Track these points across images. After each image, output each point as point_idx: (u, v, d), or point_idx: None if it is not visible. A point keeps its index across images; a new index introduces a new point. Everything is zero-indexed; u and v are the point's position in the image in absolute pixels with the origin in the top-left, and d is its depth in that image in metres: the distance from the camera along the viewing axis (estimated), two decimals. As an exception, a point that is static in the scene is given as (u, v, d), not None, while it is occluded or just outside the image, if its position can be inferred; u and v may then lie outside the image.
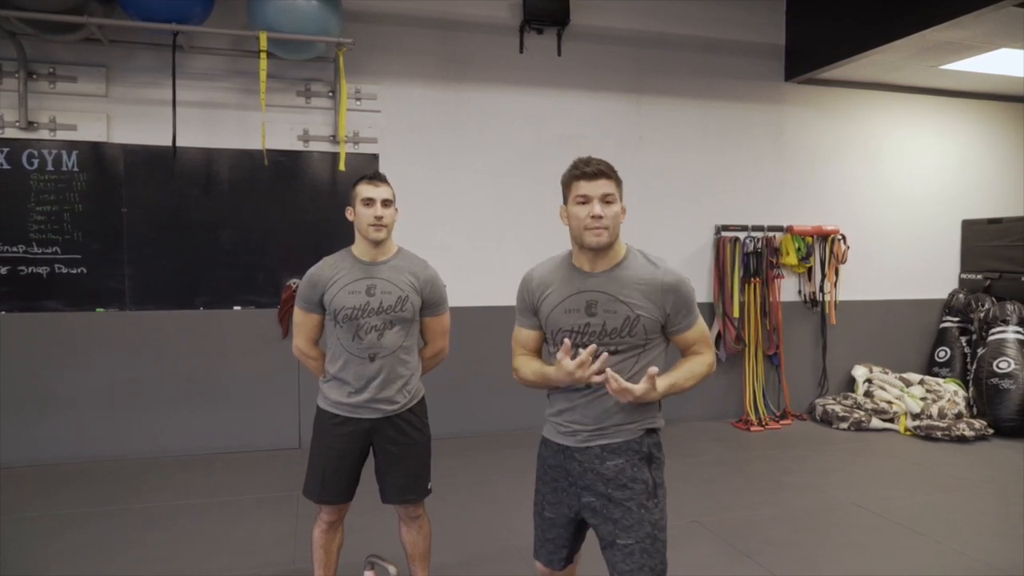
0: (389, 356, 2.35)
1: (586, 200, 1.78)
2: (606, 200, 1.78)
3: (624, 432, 1.84)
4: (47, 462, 4.30)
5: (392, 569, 2.40)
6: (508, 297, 2.10)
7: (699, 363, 1.88)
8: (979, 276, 6.14)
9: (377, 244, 2.37)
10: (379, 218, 2.33)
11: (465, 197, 5.07)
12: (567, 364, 1.73)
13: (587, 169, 1.78)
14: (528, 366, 1.94)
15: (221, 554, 3.13)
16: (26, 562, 3.02)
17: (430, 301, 2.45)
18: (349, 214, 2.41)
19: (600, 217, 1.76)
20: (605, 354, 1.74)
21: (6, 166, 4.27)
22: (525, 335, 1.97)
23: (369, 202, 2.33)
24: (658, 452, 1.89)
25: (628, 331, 1.80)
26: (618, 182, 1.83)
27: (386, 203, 2.35)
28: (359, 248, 2.41)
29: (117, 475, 4.15)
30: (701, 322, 1.92)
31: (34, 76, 4.27)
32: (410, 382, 2.43)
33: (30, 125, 4.26)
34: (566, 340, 1.77)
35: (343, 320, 2.34)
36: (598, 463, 1.84)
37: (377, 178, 2.39)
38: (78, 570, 2.96)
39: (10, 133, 4.25)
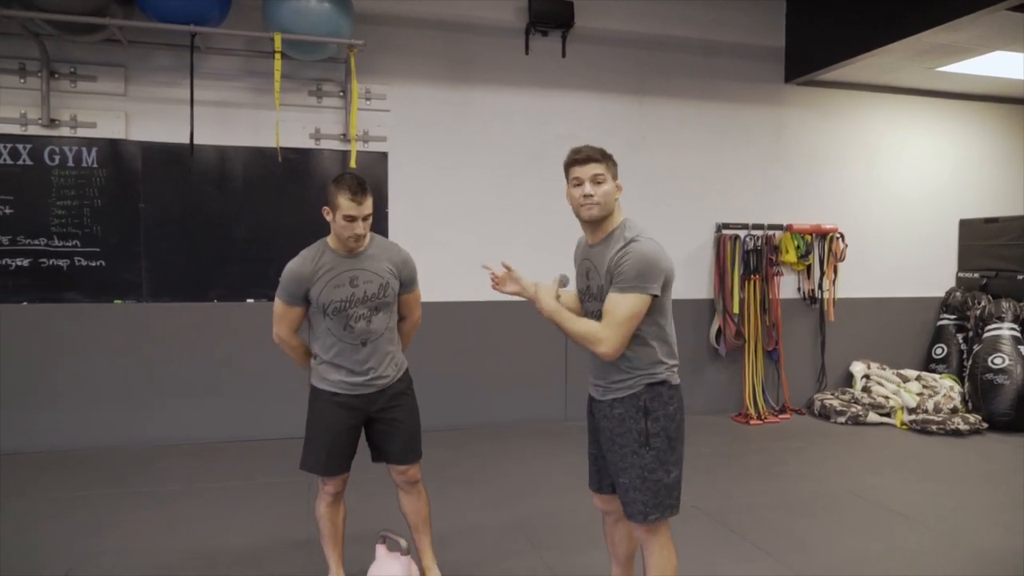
0: (378, 338, 2.51)
1: (579, 182, 2.08)
2: (596, 180, 2.06)
3: (625, 388, 2.12)
4: (66, 448, 4.43)
5: (403, 542, 2.53)
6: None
7: (590, 325, 2.05)
8: (976, 274, 6.23)
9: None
10: (360, 235, 2.41)
11: (471, 195, 5.20)
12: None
13: (578, 156, 2.09)
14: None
15: (228, 532, 3.27)
16: (47, 538, 3.16)
17: (406, 280, 2.60)
18: (326, 214, 2.40)
19: (590, 195, 2.06)
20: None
21: (29, 162, 4.41)
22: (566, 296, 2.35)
23: (351, 219, 2.34)
24: (655, 405, 2.10)
25: (600, 295, 2.10)
26: (609, 163, 2.09)
27: (366, 218, 2.40)
28: (336, 243, 2.47)
29: (131, 461, 4.28)
30: (627, 300, 1.97)
31: (56, 75, 4.42)
32: (396, 355, 2.61)
33: (52, 123, 4.41)
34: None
35: (332, 313, 2.45)
36: (608, 410, 2.16)
37: (360, 193, 2.33)
38: (97, 546, 3.10)
39: (33, 130, 4.40)
